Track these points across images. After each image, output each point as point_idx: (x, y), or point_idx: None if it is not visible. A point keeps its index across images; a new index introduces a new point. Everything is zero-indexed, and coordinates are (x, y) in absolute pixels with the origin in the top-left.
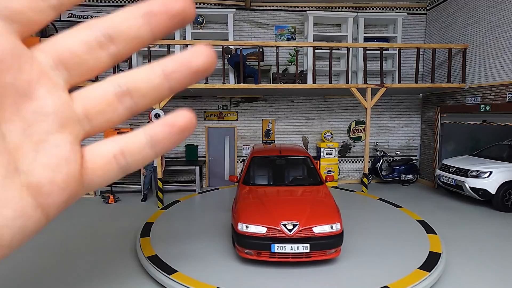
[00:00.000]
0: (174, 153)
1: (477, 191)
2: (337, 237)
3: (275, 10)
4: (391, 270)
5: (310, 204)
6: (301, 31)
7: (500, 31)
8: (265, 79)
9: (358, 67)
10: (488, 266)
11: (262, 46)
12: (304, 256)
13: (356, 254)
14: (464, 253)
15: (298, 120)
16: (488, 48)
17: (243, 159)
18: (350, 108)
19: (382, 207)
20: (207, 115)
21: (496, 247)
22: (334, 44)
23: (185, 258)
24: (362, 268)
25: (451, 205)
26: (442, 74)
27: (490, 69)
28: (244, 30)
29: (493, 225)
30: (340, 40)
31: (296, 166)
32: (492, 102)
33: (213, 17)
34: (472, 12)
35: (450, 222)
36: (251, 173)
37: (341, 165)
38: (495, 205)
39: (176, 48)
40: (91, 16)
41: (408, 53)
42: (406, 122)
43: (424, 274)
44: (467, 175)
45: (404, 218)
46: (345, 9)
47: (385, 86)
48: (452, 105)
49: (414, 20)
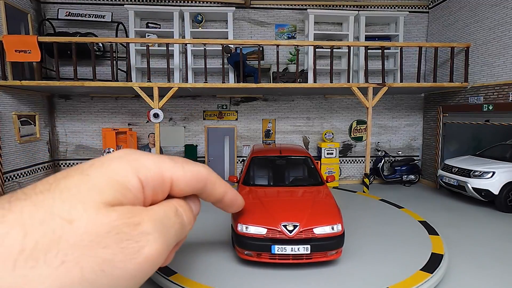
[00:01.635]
0: (173, 153)
1: (480, 191)
2: (338, 238)
3: (275, 9)
4: (393, 271)
5: (310, 205)
6: (302, 30)
7: (503, 29)
8: (265, 78)
9: (359, 66)
10: (491, 267)
11: (262, 45)
12: (304, 257)
13: (358, 256)
14: (466, 254)
15: (298, 120)
16: (491, 47)
17: (243, 159)
18: (351, 108)
19: (383, 207)
20: (206, 115)
21: (499, 249)
22: (335, 43)
23: (184, 260)
24: (363, 270)
25: (453, 206)
26: (444, 73)
27: (493, 68)
28: (244, 29)
29: (496, 226)
30: (341, 39)
31: (296, 167)
32: (495, 102)
33: (212, 15)
34: (475, 10)
35: (452, 223)
36: (251, 174)
37: (342, 165)
38: (498, 206)
39: (175, 47)
40: (88, 15)
41: (410, 52)
42: (408, 121)
43: (426, 276)
44: (470, 175)
45: (406, 219)
46: (346, 7)
47: (386, 85)
48: (454, 105)
49: (416, 18)
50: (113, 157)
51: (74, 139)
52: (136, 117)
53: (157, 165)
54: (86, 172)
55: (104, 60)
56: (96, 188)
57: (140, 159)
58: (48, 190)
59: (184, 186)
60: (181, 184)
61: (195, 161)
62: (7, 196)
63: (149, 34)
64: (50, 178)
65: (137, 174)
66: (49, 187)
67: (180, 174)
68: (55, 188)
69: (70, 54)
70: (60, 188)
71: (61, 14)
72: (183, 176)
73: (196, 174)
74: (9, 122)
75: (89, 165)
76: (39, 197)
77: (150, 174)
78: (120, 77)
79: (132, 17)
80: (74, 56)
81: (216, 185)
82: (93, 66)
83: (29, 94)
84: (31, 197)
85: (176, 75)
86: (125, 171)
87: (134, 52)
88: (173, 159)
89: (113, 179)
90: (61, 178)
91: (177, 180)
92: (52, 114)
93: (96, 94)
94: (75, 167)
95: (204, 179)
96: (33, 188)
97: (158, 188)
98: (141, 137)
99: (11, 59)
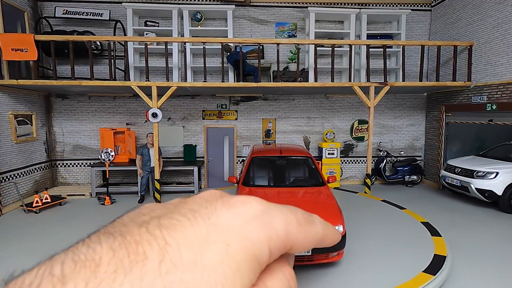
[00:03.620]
0: (172, 154)
1: (483, 192)
2: (340, 240)
3: (276, 7)
4: (395, 273)
5: (311, 206)
6: (302, 28)
7: (507, 27)
8: (265, 77)
9: (360, 65)
10: (494, 269)
11: (262, 44)
12: (305, 259)
13: (359, 257)
14: (469, 256)
15: (299, 120)
16: (495, 46)
17: (243, 159)
18: (352, 107)
19: (385, 208)
20: (206, 115)
21: (502, 250)
22: (336, 42)
23: None
24: (365, 272)
25: (456, 207)
26: (447, 72)
27: (496, 67)
28: (244, 27)
29: (500, 227)
30: (342, 38)
31: (297, 167)
32: (499, 101)
33: (212, 13)
34: (478, 8)
35: (455, 224)
36: (251, 174)
37: (344, 166)
38: (502, 206)
39: (174, 45)
40: (86, 13)
41: (412, 50)
42: (410, 121)
43: (428, 278)
44: (473, 176)
45: (408, 220)
46: (347, 5)
47: (388, 84)
48: (457, 104)
49: (418, 16)
50: (252, 214)
51: (71, 139)
52: (134, 117)
53: (287, 231)
54: (227, 240)
55: (102, 59)
56: (239, 271)
57: (273, 221)
58: (194, 263)
59: (300, 250)
60: (298, 248)
61: (312, 215)
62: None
63: (147, 32)
64: (188, 235)
65: (269, 244)
66: (195, 258)
67: (301, 240)
68: (200, 260)
69: (67, 53)
70: (205, 263)
71: (58, 12)
72: (303, 243)
73: (315, 239)
74: (5, 122)
75: (229, 224)
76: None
77: (278, 244)
78: (118, 76)
79: (130, 15)
80: (72, 55)
81: (325, 240)
82: (91, 65)
83: (26, 93)
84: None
85: (175, 74)
86: (261, 243)
87: (132, 50)
88: (298, 219)
89: (252, 254)
90: (202, 244)
91: (296, 246)
92: (49, 113)
93: (93, 94)
94: (209, 214)
95: (317, 242)
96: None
97: (279, 253)
98: (140, 137)
99: (8, 57)
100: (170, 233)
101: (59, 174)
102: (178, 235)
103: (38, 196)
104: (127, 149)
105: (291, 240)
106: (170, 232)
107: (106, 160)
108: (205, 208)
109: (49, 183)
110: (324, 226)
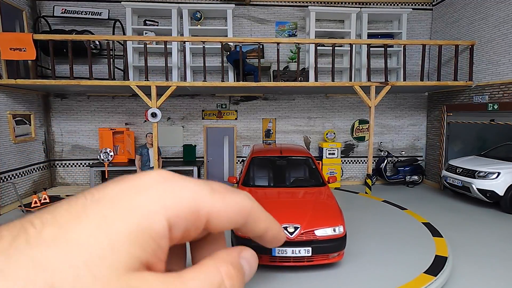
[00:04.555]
0: (171, 154)
1: (485, 192)
2: (340, 240)
3: (276, 6)
4: (396, 274)
5: (312, 206)
6: (303, 27)
7: (509, 27)
8: (265, 77)
9: (361, 65)
10: (496, 270)
11: (262, 43)
12: (305, 260)
13: (360, 258)
14: (471, 256)
15: (299, 120)
16: (496, 45)
17: (243, 159)
18: (353, 107)
19: (386, 209)
20: (205, 114)
21: (504, 251)
22: (337, 41)
23: None
24: (365, 273)
25: (457, 207)
26: (448, 72)
27: (498, 67)
28: (244, 26)
29: (502, 227)
30: (343, 37)
31: (297, 167)
32: (500, 101)
33: (211, 12)
34: (480, 7)
35: (456, 224)
36: (251, 174)
37: (344, 166)
38: (504, 207)
39: (173, 44)
40: (85, 12)
41: (413, 50)
42: (411, 121)
43: (430, 279)
44: (475, 176)
45: (409, 220)
46: (348, 4)
47: (389, 84)
48: (458, 104)
49: (419, 16)
50: (145, 184)
51: (70, 139)
52: (133, 117)
53: (195, 198)
54: (104, 211)
55: (101, 58)
56: (112, 245)
57: (175, 190)
58: (54, 239)
59: (223, 222)
60: (220, 220)
61: (234, 189)
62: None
63: (146, 31)
64: (60, 214)
65: (166, 215)
66: (56, 233)
67: (220, 208)
68: (63, 235)
69: (66, 52)
70: (68, 238)
71: (56, 11)
72: (223, 211)
73: (238, 207)
74: (3, 121)
75: (114, 196)
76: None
77: (184, 212)
78: (117, 75)
79: (129, 15)
80: (70, 54)
81: (259, 219)
82: (90, 64)
83: (24, 93)
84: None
85: (175, 74)
86: (151, 213)
87: (132, 50)
88: (212, 187)
89: (137, 225)
90: (72, 219)
91: (216, 216)
92: (48, 113)
93: (92, 93)
94: (96, 191)
95: (246, 213)
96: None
97: (190, 226)
98: (139, 137)
99: (6, 57)
100: (43, 216)
101: (57, 174)
102: (49, 216)
103: (36, 197)
104: (126, 149)
105: (204, 209)
106: (45, 215)
107: (105, 160)
108: (102, 187)
109: (47, 183)
110: (258, 205)
